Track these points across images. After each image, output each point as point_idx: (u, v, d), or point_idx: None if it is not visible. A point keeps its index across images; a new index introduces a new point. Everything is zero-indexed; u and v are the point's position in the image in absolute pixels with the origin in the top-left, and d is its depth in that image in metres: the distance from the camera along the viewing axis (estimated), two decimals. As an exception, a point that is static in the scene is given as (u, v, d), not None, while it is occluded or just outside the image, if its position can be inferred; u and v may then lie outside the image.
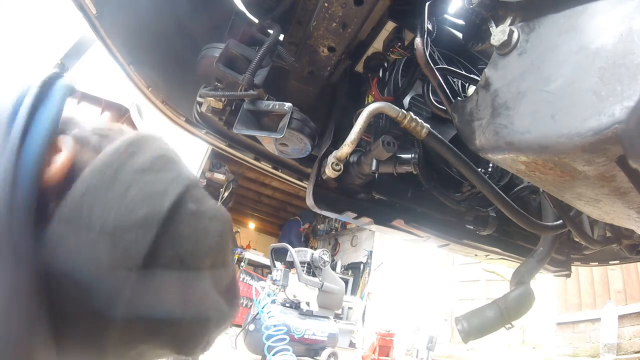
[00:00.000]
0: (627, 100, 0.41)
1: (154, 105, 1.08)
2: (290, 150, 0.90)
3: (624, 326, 5.08)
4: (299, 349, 4.39)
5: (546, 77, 0.51)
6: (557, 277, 1.34)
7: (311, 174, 0.91)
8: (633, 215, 0.60)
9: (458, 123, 0.68)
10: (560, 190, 0.62)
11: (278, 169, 1.15)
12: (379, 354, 5.02)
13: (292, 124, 0.81)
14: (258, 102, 0.83)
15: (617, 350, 4.96)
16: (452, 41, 1.03)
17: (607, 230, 1.09)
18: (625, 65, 0.43)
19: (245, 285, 6.81)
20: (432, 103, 0.96)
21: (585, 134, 0.44)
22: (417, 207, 1.06)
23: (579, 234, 0.95)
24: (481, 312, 0.94)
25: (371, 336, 6.13)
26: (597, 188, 0.54)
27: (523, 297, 0.95)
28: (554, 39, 0.52)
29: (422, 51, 0.76)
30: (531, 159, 0.54)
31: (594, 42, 0.47)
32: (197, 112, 1.00)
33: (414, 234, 1.08)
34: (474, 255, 1.32)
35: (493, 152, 0.59)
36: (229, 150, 1.10)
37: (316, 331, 4.68)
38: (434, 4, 0.82)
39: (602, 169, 0.48)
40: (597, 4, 0.48)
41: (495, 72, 0.60)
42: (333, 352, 4.74)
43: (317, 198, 0.87)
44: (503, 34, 0.58)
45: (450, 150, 0.78)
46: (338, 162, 0.81)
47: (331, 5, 0.74)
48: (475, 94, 0.64)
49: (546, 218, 1.03)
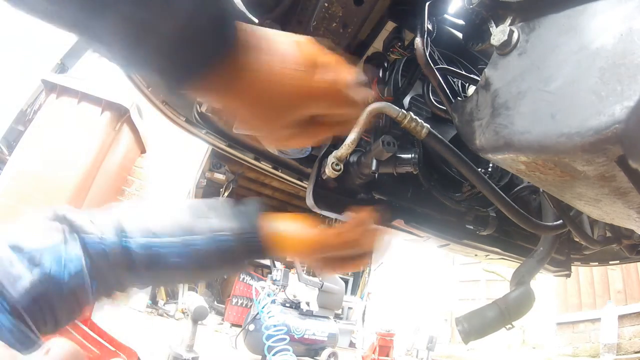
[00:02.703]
0: (627, 100, 0.41)
1: (154, 105, 1.08)
2: (290, 150, 0.90)
3: (624, 326, 5.08)
4: (299, 349, 4.39)
5: (546, 77, 0.51)
6: (557, 277, 1.34)
7: (311, 174, 0.91)
8: (633, 215, 0.60)
9: (458, 123, 0.68)
10: (560, 190, 0.62)
11: (278, 169, 1.15)
12: (379, 354, 5.02)
13: (292, 124, 0.81)
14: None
15: (617, 350, 4.96)
16: (452, 41, 1.03)
17: (607, 230, 1.09)
18: (625, 65, 0.43)
19: (245, 285, 6.81)
20: (432, 103, 0.96)
21: (585, 134, 0.44)
22: (417, 207, 1.06)
23: (579, 234, 0.95)
24: (481, 312, 0.94)
25: (371, 336, 6.13)
26: (597, 188, 0.54)
27: (523, 298, 0.95)
28: (554, 39, 0.52)
29: (422, 51, 0.76)
30: (531, 159, 0.54)
31: (594, 42, 0.47)
32: (197, 112, 1.00)
33: (414, 234, 1.08)
34: (474, 255, 1.32)
35: (493, 152, 0.59)
36: (229, 150, 1.11)
37: (316, 331, 4.68)
38: (434, 4, 0.82)
39: (602, 169, 0.48)
40: (597, 4, 0.48)
41: (495, 72, 0.60)
42: (333, 352, 4.74)
43: (317, 198, 0.87)
44: (503, 34, 0.58)
45: (450, 150, 0.77)
46: (338, 162, 0.81)
47: (331, 5, 0.74)
48: (475, 94, 0.64)
49: (546, 218, 1.03)
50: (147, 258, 0.62)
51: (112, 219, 0.63)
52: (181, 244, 0.64)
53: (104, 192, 4.29)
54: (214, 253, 0.66)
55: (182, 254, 0.64)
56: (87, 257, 0.57)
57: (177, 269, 0.65)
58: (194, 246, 0.65)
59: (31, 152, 3.71)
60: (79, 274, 0.55)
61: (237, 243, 0.67)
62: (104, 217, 0.63)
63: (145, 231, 0.63)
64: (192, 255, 0.64)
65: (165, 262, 0.63)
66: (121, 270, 0.61)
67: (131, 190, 4.81)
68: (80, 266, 0.55)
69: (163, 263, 0.63)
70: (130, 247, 0.61)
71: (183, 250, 0.64)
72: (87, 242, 0.58)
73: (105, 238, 0.60)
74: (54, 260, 0.53)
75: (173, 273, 0.66)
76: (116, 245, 0.60)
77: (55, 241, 0.55)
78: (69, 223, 0.59)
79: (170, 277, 0.72)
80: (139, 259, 0.61)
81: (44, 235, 0.56)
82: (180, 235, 0.65)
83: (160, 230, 0.65)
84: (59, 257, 0.54)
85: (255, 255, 0.70)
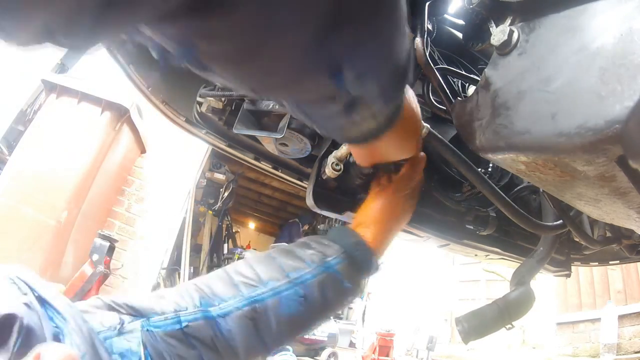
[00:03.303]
0: (627, 100, 0.41)
1: (154, 105, 1.08)
2: (290, 150, 0.90)
3: (624, 326, 5.08)
4: (299, 348, 4.39)
5: (546, 77, 0.51)
6: (557, 277, 1.34)
7: (311, 174, 0.91)
8: (633, 215, 0.60)
9: (458, 123, 0.68)
10: (560, 190, 0.62)
11: (278, 169, 1.15)
12: (379, 354, 5.03)
13: (292, 124, 0.81)
14: (258, 102, 0.83)
15: (617, 350, 4.96)
16: (452, 41, 1.03)
17: (607, 230, 1.09)
18: (625, 65, 0.43)
19: (245, 285, 6.79)
20: (432, 103, 0.96)
21: (585, 134, 0.44)
22: (417, 207, 1.06)
23: (579, 234, 0.95)
24: (481, 312, 0.94)
25: (371, 336, 6.13)
26: (597, 188, 0.54)
27: (523, 298, 0.95)
28: (554, 39, 0.52)
29: (422, 51, 0.76)
30: (531, 159, 0.54)
31: (594, 42, 0.47)
32: (197, 112, 1.00)
33: (414, 234, 1.08)
34: (474, 255, 1.32)
35: (493, 152, 0.59)
36: (229, 150, 1.10)
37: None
38: (434, 4, 0.82)
39: (602, 169, 0.48)
40: (597, 4, 0.48)
41: (495, 72, 0.60)
42: (333, 352, 4.74)
43: (317, 198, 0.86)
44: (503, 34, 0.58)
45: (450, 150, 0.77)
46: (338, 162, 0.81)
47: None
48: (475, 94, 0.64)
49: (546, 218, 1.03)
50: (249, 320, 0.52)
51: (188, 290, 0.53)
52: (289, 284, 0.55)
53: (104, 192, 4.29)
54: (332, 285, 0.58)
55: (291, 298, 0.54)
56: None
57: (288, 320, 0.54)
58: (303, 283, 0.56)
59: (31, 152, 3.71)
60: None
61: (349, 261, 0.60)
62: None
63: (239, 285, 0.54)
64: (303, 295, 0.55)
65: (275, 315, 0.53)
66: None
67: (131, 190, 4.81)
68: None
69: (270, 318, 0.53)
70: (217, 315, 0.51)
71: (292, 291, 0.55)
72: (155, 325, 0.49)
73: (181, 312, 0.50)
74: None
75: (285, 329, 0.55)
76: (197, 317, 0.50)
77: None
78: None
79: (283, 334, 0.56)
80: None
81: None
82: (284, 278, 0.55)
83: (256, 278, 0.55)
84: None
85: (372, 266, 0.64)
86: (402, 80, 0.44)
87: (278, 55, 0.30)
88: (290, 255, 0.60)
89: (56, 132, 3.79)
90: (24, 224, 3.49)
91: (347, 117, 0.42)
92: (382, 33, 0.33)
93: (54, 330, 0.39)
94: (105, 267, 3.51)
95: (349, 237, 0.64)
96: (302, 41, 0.29)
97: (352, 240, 0.63)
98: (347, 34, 0.30)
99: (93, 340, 0.41)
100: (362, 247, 0.63)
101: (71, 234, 3.85)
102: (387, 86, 0.41)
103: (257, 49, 0.29)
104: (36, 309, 0.39)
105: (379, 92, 0.41)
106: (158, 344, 0.47)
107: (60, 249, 3.75)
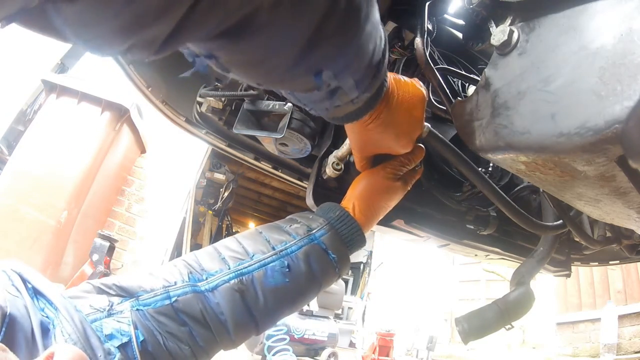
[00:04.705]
0: (627, 100, 0.41)
1: (154, 105, 1.08)
2: (290, 150, 0.90)
3: (624, 326, 5.08)
4: (299, 349, 4.39)
5: (546, 77, 0.51)
6: (557, 277, 1.34)
7: (311, 173, 0.91)
8: (633, 215, 0.60)
9: (458, 123, 0.68)
10: (560, 190, 0.62)
11: (278, 169, 1.15)
12: (379, 354, 5.03)
13: (292, 124, 0.81)
14: (258, 102, 0.83)
15: (617, 350, 4.96)
16: (452, 41, 1.03)
17: (607, 230, 1.09)
18: (625, 65, 0.43)
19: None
20: (432, 103, 0.96)
21: (585, 134, 0.44)
22: (417, 207, 1.06)
23: (579, 234, 0.95)
24: (481, 312, 0.94)
25: (371, 336, 6.13)
26: (597, 188, 0.54)
27: (523, 298, 0.95)
28: (554, 39, 0.52)
29: (422, 51, 0.76)
30: (531, 159, 0.54)
31: (594, 42, 0.47)
32: (197, 112, 1.00)
33: (414, 234, 1.08)
34: (474, 255, 1.32)
35: (493, 152, 0.59)
36: (229, 150, 1.10)
37: (316, 331, 4.68)
38: (434, 4, 0.82)
39: (602, 169, 0.48)
40: (597, 4, 0.48)
41: (495, 72, 0.60)
42: (333, 352, 4.74)
43: (317, 198, 0.86)
44: (503, 34, 0.58)
45: (450, 150, 0.77)
46: (339, 162, 0.81)
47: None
48: (475, 94, 0.64)
49: (546, 218, 1.03)
50: (236, 292, 0.53)
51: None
52: (274, 256, 0.56)
53: (104, 192, 4.30)
54: (317, 256, 0.59)
55: (276, 269, 0.55)
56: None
57: (275, 291, 0.55)
58: (289, 254, 0.57)
59: (31, 152, 3.71)
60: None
61: (334, 232, 0.61)
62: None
63: (227, 259, 0.55)
64: (288, 266, 0.56)
65: (261, 286, 0.54)
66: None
67: (131, 190, 4.81)
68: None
69: (257, 290, 0.54)
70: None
71: (278, 262, 0.56)
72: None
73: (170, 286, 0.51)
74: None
75: (272, 302, 0.55)
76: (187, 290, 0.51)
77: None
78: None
79: (271, 307, 0.56)
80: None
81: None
82: (269, 251, 0.57)
83: (242, 251, 0.56)
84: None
85: (357, 239, 0.65)
86: (374, 73, 0.50)
87: (277, 63, 0.42)
88: (277, 229, 0.62)
89: (56, 132, 3.79)
90: (24, 224, 3.49)
91: (331, 101, 0.51)
92: (351, 45, 0.43)
93: (42, 319, 0.40)
94: (105, 267, 3.51)
95: (333, 211, 0.66)
96: (293, 54, 0.41)
97: (336, 214, 0.65)
98: (324, 48, 0.41)
99: (85, 329, 0.42)
100: (346, 219, 0.65)
101: (71, 234, 3.85)
102: (360, 79, 0.49)
103: (263, 60, 0.41)
104: (24, 298, 0.40)
105: (353, 84, 0.49)
106: (148, 323, 0.48)
107: (60, 249, 3.75)
